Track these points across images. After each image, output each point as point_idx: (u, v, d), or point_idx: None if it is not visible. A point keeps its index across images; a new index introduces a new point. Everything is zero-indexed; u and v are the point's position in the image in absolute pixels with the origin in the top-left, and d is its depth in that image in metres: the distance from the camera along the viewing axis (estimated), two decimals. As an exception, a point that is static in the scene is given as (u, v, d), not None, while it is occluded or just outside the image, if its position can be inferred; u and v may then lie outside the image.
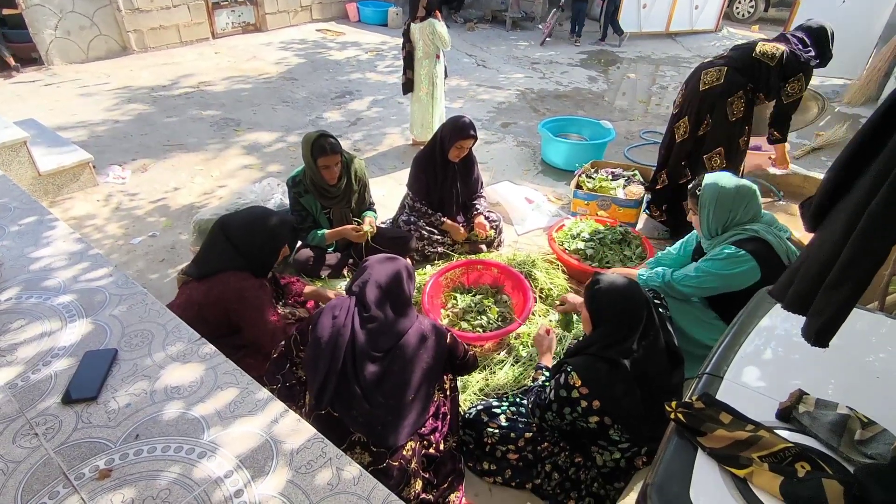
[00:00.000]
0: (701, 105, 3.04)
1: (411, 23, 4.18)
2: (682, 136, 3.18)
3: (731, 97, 2.94)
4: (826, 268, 0.96)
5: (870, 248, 0.89)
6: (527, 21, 9.80)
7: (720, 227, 2.16)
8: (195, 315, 1.89)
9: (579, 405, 1.66)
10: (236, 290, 1.94)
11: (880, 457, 0.95)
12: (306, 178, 2.72)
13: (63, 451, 1.32)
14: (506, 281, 2.85)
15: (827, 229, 1.03)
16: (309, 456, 1.35)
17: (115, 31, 6.95)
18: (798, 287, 1.03)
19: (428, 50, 4.22)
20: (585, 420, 1.68)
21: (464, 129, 2.89)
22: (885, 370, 1.28)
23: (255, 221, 2.07)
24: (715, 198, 2.13)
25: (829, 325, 0.94)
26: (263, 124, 5.18)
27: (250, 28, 8.49)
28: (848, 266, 0.91)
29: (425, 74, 4.30)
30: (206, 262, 1.99)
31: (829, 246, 0.97)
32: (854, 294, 0.91)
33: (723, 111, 2.98)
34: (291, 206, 2.82)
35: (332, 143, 2.60)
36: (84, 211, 3.63)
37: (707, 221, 2.17)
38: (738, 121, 3.00)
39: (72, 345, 1.65)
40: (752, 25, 10.15)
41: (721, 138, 3.06)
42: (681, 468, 0.99)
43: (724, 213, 2.13)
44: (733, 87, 2.93)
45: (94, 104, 5.45)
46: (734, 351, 1.29)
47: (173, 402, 1.47)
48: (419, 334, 1.72)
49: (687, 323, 2.19)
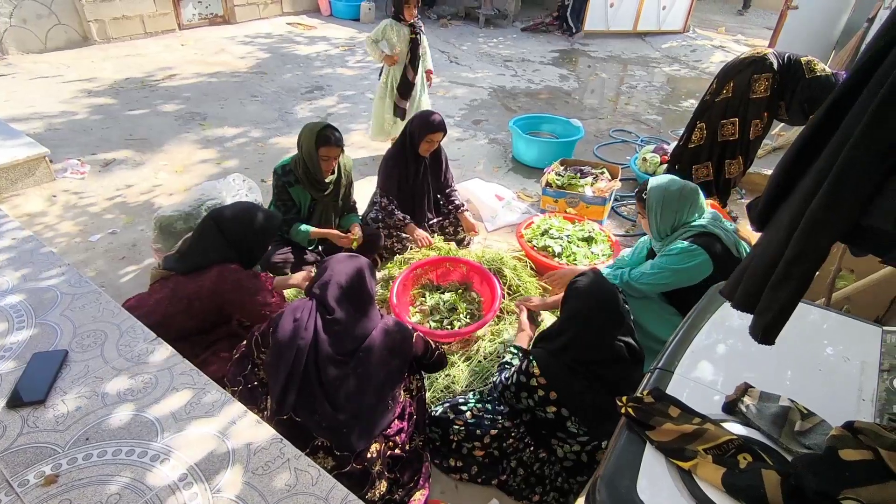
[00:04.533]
0: (748, 110, 3.16)
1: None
2: (731, 135, 3.25)
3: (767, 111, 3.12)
4: (771, 267, 0.98)
5: (810, 248, 0.92)
6: (500, 18, 9.83)
7: (669, 228, 2.22)
8: (183, 309, 1.87)
9: (537, 393, 1.71)
10: (233, 282, 1.94)
11: (817, 447, 0.99)
12: (298, 168, 2.66)
13: (6, 458, 1.28)
14: (474, 278, 2.86)
15: (772, 229, 1.06)
16: (266, 457, 1.33)
17: (76, 21, 6.69)
18: (745, 286, 1.06)
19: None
20: (543, 409, 1.73)
21: (432, 123, 2.89)
22: (827, 363, 1.33)
23: (248, 215, 2.08)
24: (661, 200, 2.19)
25: (774, 322, 0.96)
26: (230, 119, 5.07)
27: (218, 20, 8.29)
28: (790, 265, 0.94)
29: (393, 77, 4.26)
30: (196, 255, 1.98)
31: (775, 245, 1.00)
32: (797, 292, 0.94)
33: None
34: (276, 195, 2.75)
35: (338, 136, 2.59)
36: (38, 207, 3.50)
37: (656, 223, 2.23)
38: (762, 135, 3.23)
39: (19, 346, 1.59)
40: (718, 27, 10.39)
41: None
42: (629, 461, 1.01)
43: (670, 213, 2.19)
44: (773, 102, 3.09)
45: (52, 96, 5.25)
46: (686, 346, 1.32)
47: (126, 404, 1.44)
48: (383, 335, 1.71)
49: (647, 319, 2.24)
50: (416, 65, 4.16)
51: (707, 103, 3.31)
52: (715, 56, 8.50)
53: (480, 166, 4.50)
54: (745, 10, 11.93)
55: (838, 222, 0.89)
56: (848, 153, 0.86)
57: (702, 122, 3.33)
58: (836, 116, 0.99)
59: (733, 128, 3.21)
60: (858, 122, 0.86)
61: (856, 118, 0.88)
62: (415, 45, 4.07)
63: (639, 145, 5.07)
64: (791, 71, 3.02)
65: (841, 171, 0.87)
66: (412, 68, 4.15)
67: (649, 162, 4.16)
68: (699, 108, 3.39)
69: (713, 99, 3.26)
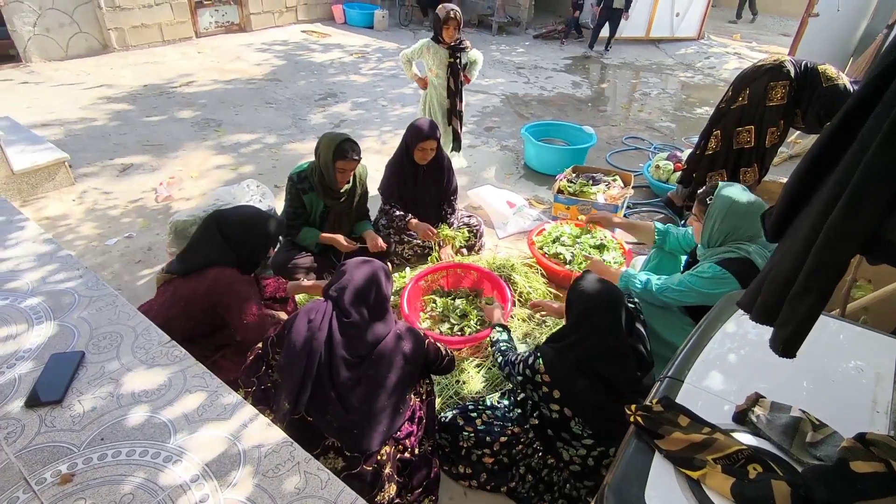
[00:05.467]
0: (763, 118, 3.13)
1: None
2: (746, 142, 3.23)
3: (784, 118, 3.10)
4: (790, 278, 0.96)
5: (831, 260, 0.90)
6: (512, 26, 9.87)
7: (722, 238, 2.12)
8: (181, 311, 1.89)
9: (541, 389, 1.73)
10: (226, 283, 1.95)
11: (828, 458, 0.98)
12: (314, 176, 2.69)
13: (24, 456, 1.31)
14: (485, 284, 2.87)
15: (789, 239, 1.04)
16: (277, 460, 1.35)
17: (96, 29, 6.86)
18: (764, 298, 1.03)
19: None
20: (548, 407, 1.74)
21: (421, 131, 2.89)
22: (840, 374, 1.31)
23: (251, 219, 2.09)
24: (726, 209, 2.08)
25: (794, 335, 0.93)
26: (245, 125, 5.15)
27: (234, 28, 8.43)
28: (811, 277, 0.91)
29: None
30: (195, 256, 1.99)
31: (792, 256, 0.97)
32: (817, 305, 0.91)
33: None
34: (290, 201, 2.79)
35: (355, 150, 2.60)
36: (58, 211, 3.58)
37: (710, 231, 2.13)
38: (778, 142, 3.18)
39: (37, 347, 1.63)
40: (734, 34, 10.33)
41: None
42: (638, 470, 1.01)
43: (730, 226, 2.09)
44: (790, 109, 3.06)
45: (73, 102, 5.37)
46: (696, 355, 1.31)
47: (140, 405, 1.46)
48: (396, 339, 1.72)
49: (662, 326, 2.21)
50: (458, 91, 3.84)
51: (722, 111, 3.29)
52: (730, 63, 8.46)
53: (492, 173, 4.51)
54: (738, 17, 11.87)
55: (858, 234, 0.87)
56: (868, 162, 0.85)
57: (717, 129, 3.31)
58: (852, 126, 0.99)
59: (749, 135, 3.19)
60: (876, 131, 0.85)
61: (873, 128, 0.87)
62: (455, 70, 3.74)
63: (652, 153, 5.04)
64: (808, 79, 3.00)
65: (860, 180, 0.86)
66: (458, 96, 3.85)
67: (662, 169, 4.14)
68: (714, 115, 3.37)
69: (728, 106, 3.24)
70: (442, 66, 3.74)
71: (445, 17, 3.56)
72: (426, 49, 3.73)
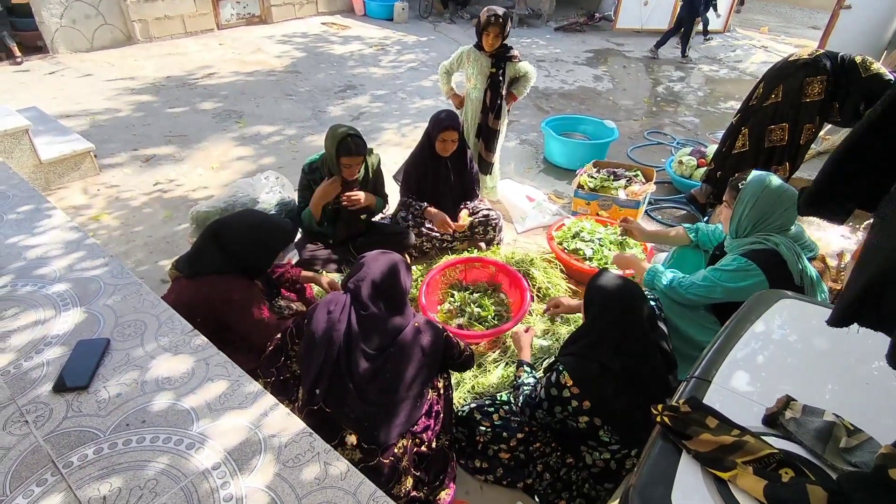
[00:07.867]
0: (799, 114, 3.04)
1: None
2: (779, 140, 3.13)
3: (821, 114, 3.00)
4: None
5: None
6: (533, 18, 9.76)
7: (750, 227, 2.06)
8: (185, 314, 1.86)
9: (570, 404, 1.66)
10: (223, 293, 1.90)
11: (864, 465, 0.95)
12: (324, 167, 2.70)
13: (52, 439, 1.33)
14: (503, 279, 2.85)
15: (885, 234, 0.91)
16: (297, 450, 1.35)
17: (121, 21, 6.95)
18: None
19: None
20: (576, 420, 1.68)
21: (441, 122, 2.86)
22: (875, 377, 1.27)
23: (250, 232, 1.97)
24: (757, 195, 2.02)
25: None
26: (265, 117, 5.18)
27: (255, 20, 8.48)
28: None
29: None
30: (196, 264, 1.95)
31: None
32: None
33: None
34: (300, 191, 2.81)
35: (359, 145, 2.56)
36: (83, 200, 3.64)
37: (739, 217, 2.07)
38: (813, 139, 3.10)
39: (65, 333, 1.66)
40: (761, 27, 10.07)
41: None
42: (664, 471, 0.99)
43: (759, 212, 2.03)
44: (827, 104, 2.97)
45: (98, 93, 5.46)
46: (724, 355, 1.28)
47: (164, 392, 1.48)
48: (414, 332, 1.72)
49: (686, 325, 2.17)
50: (496, 107, 3.32)
51: (752, 109, 3.18)
52: (756, 56, 8.25)
53: (512, 167, 4.47)
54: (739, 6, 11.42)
55: None
56: None
57: (745, 127, 3.21)
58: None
59: (782, 133, 3.09)
60: None
61: None
62: (495, 83, 3.24)
63: (675, 148, 4.95)
64: (846, 71, 2.90)
65: None
66: (493, 113, 3.33)
67: (685, 165, 4.06)
68: (742, 113, 3.27)
69: (760, 104, 3.13)
70: (482, 77, 3.28)
71: (486, 21, 3.06)
72: (466, 57, 3.30)
